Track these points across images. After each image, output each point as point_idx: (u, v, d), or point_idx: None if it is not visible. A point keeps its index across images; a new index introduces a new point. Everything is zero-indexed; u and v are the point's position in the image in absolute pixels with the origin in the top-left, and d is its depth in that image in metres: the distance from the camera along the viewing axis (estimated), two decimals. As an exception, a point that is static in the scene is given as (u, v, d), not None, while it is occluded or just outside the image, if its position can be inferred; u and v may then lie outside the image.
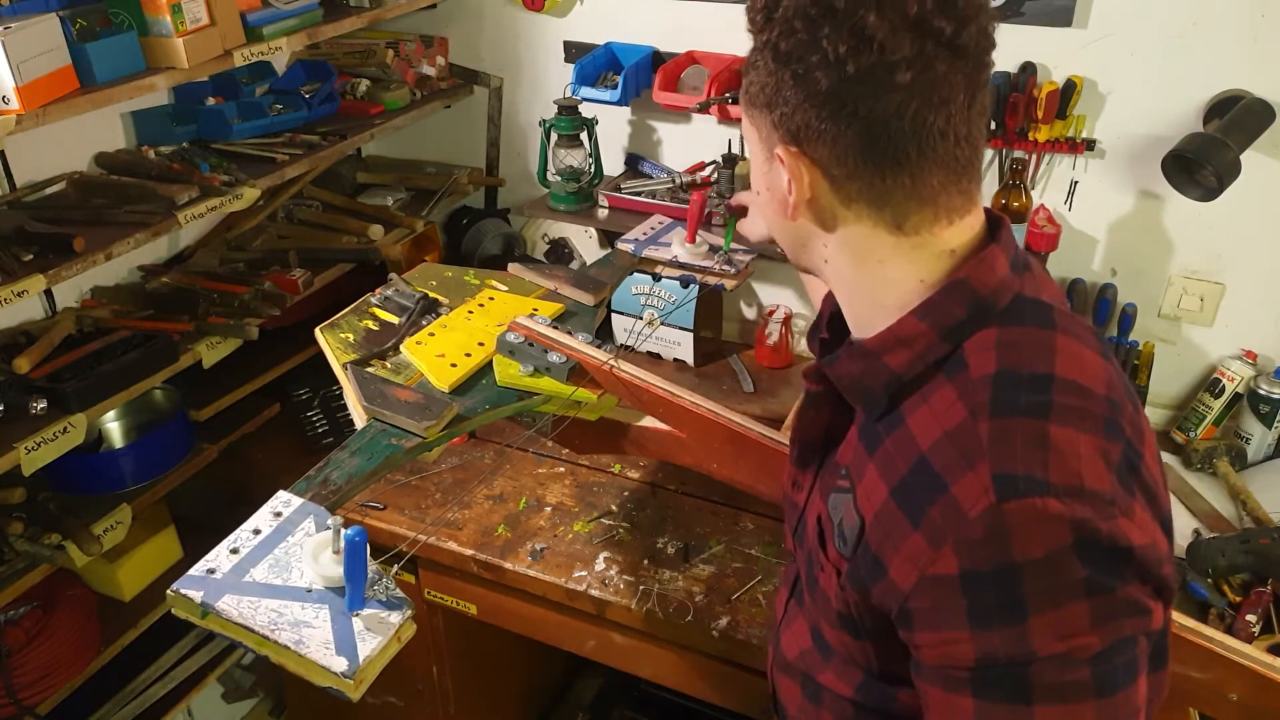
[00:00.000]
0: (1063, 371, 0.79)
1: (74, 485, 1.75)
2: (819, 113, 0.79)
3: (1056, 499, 0.72)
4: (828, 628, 0.95)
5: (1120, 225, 1.92)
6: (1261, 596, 1.48)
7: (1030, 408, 0.76)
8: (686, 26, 2.11)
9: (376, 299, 1.61)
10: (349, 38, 2.26)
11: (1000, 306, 0.83)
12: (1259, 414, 1.83)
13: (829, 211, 0.84)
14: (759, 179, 0.90)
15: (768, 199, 0.90)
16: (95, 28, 1.61)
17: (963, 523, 0.74)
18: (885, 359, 0.85)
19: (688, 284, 1.98)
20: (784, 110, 0.81)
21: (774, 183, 0.87)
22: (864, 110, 0.77)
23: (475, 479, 1.79)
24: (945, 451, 0.78)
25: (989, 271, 0.83)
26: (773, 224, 0.92)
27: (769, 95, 0.82)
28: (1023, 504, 0.72)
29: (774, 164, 0.85)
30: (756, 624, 1.47)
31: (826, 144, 0.80)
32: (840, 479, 0.91)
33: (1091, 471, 0.74)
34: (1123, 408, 0.80)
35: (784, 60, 0.80)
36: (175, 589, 0.99)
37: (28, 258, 1.52)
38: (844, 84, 0.77)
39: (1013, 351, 0.80)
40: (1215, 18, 1.70)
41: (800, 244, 0.91)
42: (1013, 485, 0.73)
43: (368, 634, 0.98)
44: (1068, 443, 0.75)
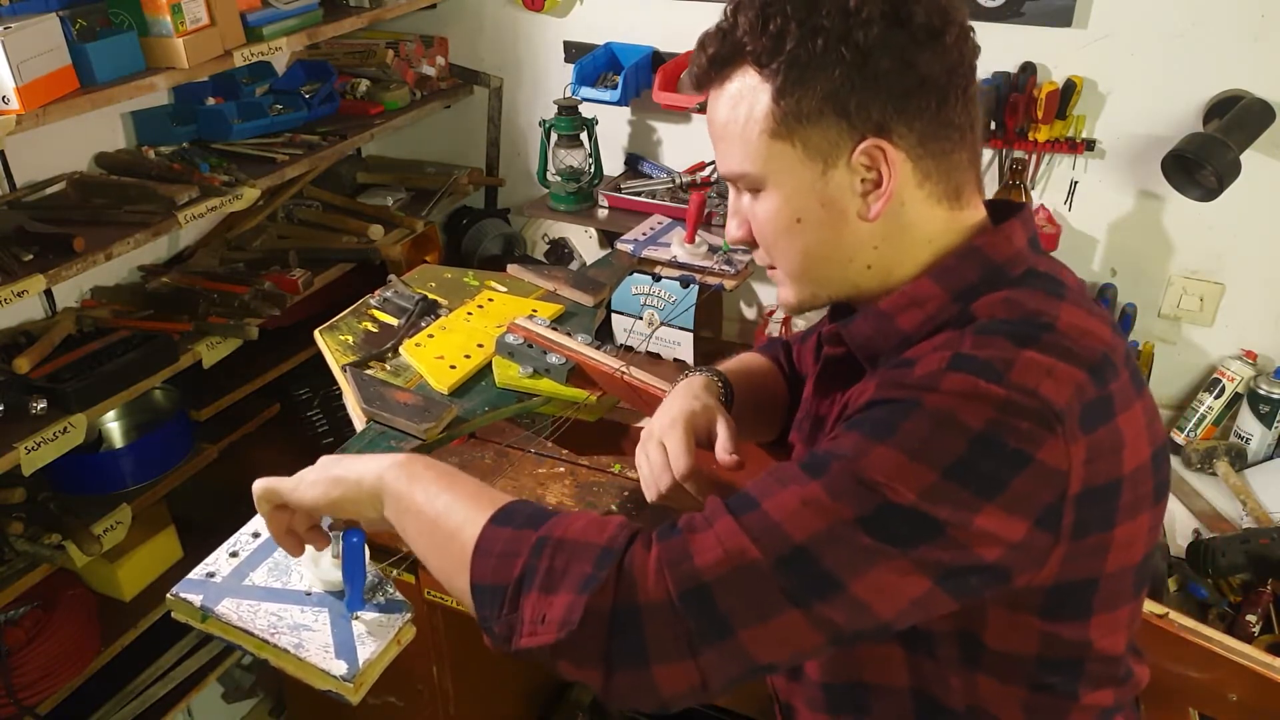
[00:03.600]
0: (1064, 326, 0.79)
1: (74, 485, 1.75)
2: (911, 90, 0.81)
3: (1002, 385, 0.73)
4: None
5: (1120, 225, 1.92)
6: (1261, 596, 1.48)
7: (1017, 334, 0.77)
8: (686, 26, 2.11)
9: (375, 301, 1.61)
10: (349, 38, 2.26)
11: (1013, 274, 0.85)
12: (1259, 414, 1.83)
13: (899, 198, 0.84)
14: (803, 203, 0.86)
15: (820, 219, 0.86)
16: (95, 28, 1.61)
17: (905, 373, 0.78)
18: (898, 320, 0.86)
19: (687, 284, 1.98)
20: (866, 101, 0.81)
21: (834, 195, 0.85)
22: (950, 80, 0.82)
23: (475, 479, 1.78)
24: (924, 351, 0.81)
25: (1005, 241, 0.86)
26: (820, 248, 0.88)
27: (841, 95, 0.81)
28: (966, 378, 0.74)
29: (833, 173, 0.84)
30: (756, 625, 1.47)
31: (919, 121, 0.82)
32: None
33: (1052, 386, 0.74)
34: (1117, 370, 0.79)
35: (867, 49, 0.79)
36: (175, 592, 0.99)
37: (28, 258, 1.52)
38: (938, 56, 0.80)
39: (1017, 306, 0.81)
40: (1215, 18, 1.70)
41: (847, 261, 0.88)
42: (968, 362, 0.76)
43: (367, 637, 0.98)
44: (1040, 362, 0.75)
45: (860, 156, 0.82)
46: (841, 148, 0.83)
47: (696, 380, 1.15)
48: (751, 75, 0.85)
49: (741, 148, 0.86)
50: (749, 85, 0.85)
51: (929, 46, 0.80)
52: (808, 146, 0.84)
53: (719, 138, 0.90)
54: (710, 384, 1.15)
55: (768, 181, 0.87)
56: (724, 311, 2.31)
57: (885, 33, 0.79)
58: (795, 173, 0.85)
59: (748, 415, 1.21)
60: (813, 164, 0.84)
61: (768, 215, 0.88)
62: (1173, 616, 1.17)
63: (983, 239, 0.86)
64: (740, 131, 0.86)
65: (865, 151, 0.82)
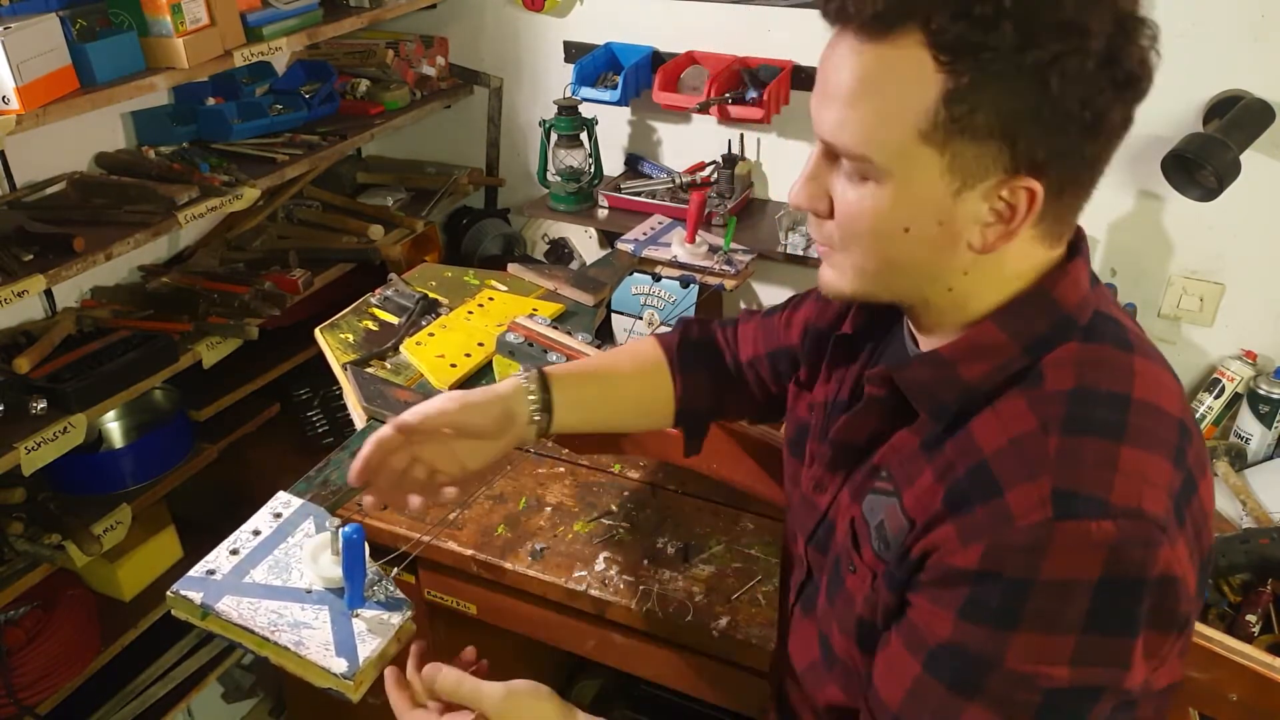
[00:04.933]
0: (1141, 394, 0.77)
1: (74, 485, 1.75)
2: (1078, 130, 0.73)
3: (1112, 520, 0.71)
4: (839, 635, 0.93)
5: (1120, 225, 1.92)
6: (1261, 596, 1.48)
7: (1104, 427, 0.74)
8: (686, 26, 2.11)
9: (376, 299, 1.62)
10: (349, 38, 2.26)
11: (1082, 323, 0.80)
12: (1259, 414, 1.83)
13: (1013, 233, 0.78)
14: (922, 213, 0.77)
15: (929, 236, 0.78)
16: (95, 28, 1.61)
17: (1006, 528, 0.73)
18: (960, 370, 0.81)
19: (687, 284, 1.98)
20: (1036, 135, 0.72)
21: (954, 216, 0.76)
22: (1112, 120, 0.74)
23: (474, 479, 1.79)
24: (1008, 459, 0.75)
25: (1073, 286, 0.80)
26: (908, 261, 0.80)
27: (1016, 119, 0.71)
28: (1077, 525, 0.71)
29: (965, 195, 0.75)
30: (756, 624, 1.47)
31: (1071, 165, 0.75)
32: (880, 480, 0.87)
33: (1153, 496, 0.73)
34: (1192, 436, 0.79)
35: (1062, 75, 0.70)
36: (175, 590, 0.99)
37: (28, 258, 1.52)
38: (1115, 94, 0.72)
39: (1092, 370, 0.78)
40: (1215, 18, 1.70)
41: (928, 278, 0.81)
42: (1071, 504, 0.71)
43: (368, 635, 0.98)
44: (1136, 465, 0.73)
45: (1004, 190, 0.74)
46: (989, 174, 0.74)
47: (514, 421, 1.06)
48: (919, 52, 0.71)
49: (876, 130, 0.74)
50: (913, 63, 0.71)
51: (1121, 96, 0.73)
52: (955, 160, 0.74)
53: (841, 97, 0.76)
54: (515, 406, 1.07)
55: (890, 179, 0.76)
56: (724, 311, 2.31)
57: (1096, 70, 0.70)
58: (928, 183, 0.75)
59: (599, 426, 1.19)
60: (951, 180, 0.75)
61: (870, 210, 0.78)
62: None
63: (1051, 281, 0.80)
64: (882, 112, 0.74)
65: (1013, 188, 0.74)
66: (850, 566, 0.90)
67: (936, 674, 0.77)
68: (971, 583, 0.74)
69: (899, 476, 0.85)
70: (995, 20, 0.68)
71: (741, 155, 2.15)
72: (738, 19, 2.06)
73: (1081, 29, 0.69)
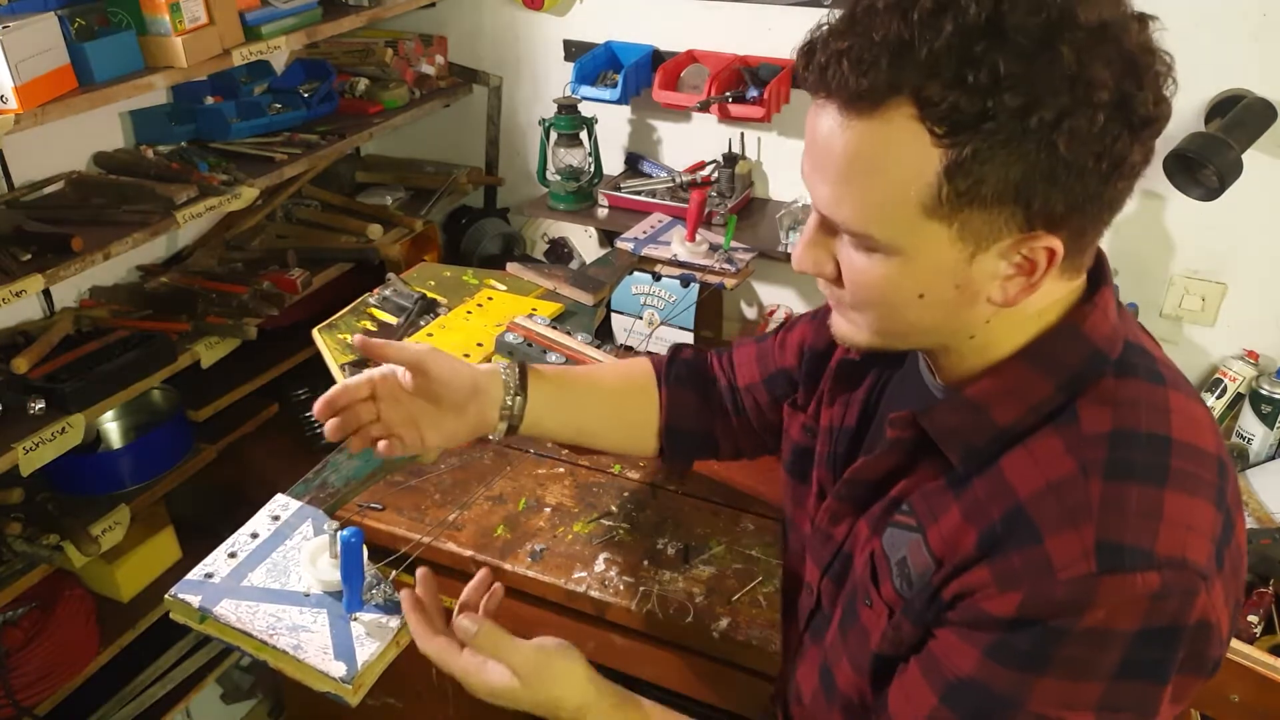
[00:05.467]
0: (1179, 434, 0.75)
1: (72, 485, 1.75)
2: (1100, 186, 0.70)
3: (1156, 571, 0.69)
4: (847, 669, 0.90)
5: (1121, 225, 1.90)
6: (1263, 597, 1.48)
7: (1147, 471, 0.72)
8: (686, 25, 2.11)
9: (374, 299, 1.61)
10: (348, 37, 2.25)
11: (1114, 356, 0.78)
12: (1260, 414, 1.83)
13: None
14: (935, 282, 0.74)
15: (946, 299, 0.75)
16: (94, 27, 1.60)
17: (1046, 579, 0.71)
18: (993, 414, 0.78)
19: (688, 283, 1.98)
20: (1052, 194, 0.68)
21: (971, 278, 0.73)
22: (1130, 165, 0.71)
23: (474, 479, 1.78)
24: (1047, 504, 0.73)
25: (1103, 318, 0.78)
26: (933, 318, 0.77)
27: (1033, 186, 0.68)
28: (1123, 579, 0.69)
29: (980, 258, 0.72)
30: (757, 625, 1.47)
31: (1090, 215, 0.72)
32: (901, 514, 0.85)
33: (1196, 544, 0.71)
34: (1229, 473, 0.77)
35: (1079, 139, 0.66)
36: (173, 594, 0.99)
37: (26, 257, 1.52)
38: (1134, 142, 0.70)
39: (1130, 410, 0.75)
40: (1217, 18, 1.69)
41: (948, 331, 0.79)
42: (1118, 557, 0.69)
43: (366, 639, 0.98)
44: (1180, 512, 0.71)
45: (1023, 247, 0.71)
46: (1004, 235, 0.71)
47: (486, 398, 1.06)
48: (912, 125, 0.67)
49: (876, 210, 0.71)
50: (907, 137, 0.68)
51: (1138, 137, 0.69)
52: (964, 229, 0.70)
53: (833, 174, 0.72)
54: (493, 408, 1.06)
55: (896, 251, 0.73)
56: (724, 311, 2.31)
57: (1108, 121, 0.66)
58: (939, 253, 0.72)
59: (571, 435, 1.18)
60: (963, 247, 0.71)
61: (881, 279, 0.75)
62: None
63: (1081, 315, 0.78)
64: (880, 190, 0.70)
65: (1032, 246, 0.71)
66: (866, 600, 0.87)
67: (953, 707, 0.76)
68: (1004, 627, 0.72)
69: (921, 511, 0.82)
70: (992, 87, 0.64)
71: (742, 154, 2.15)
72: (738, 17, 2.05)
73: (1087, 82, 0.65)
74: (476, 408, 1.05)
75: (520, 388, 1.07)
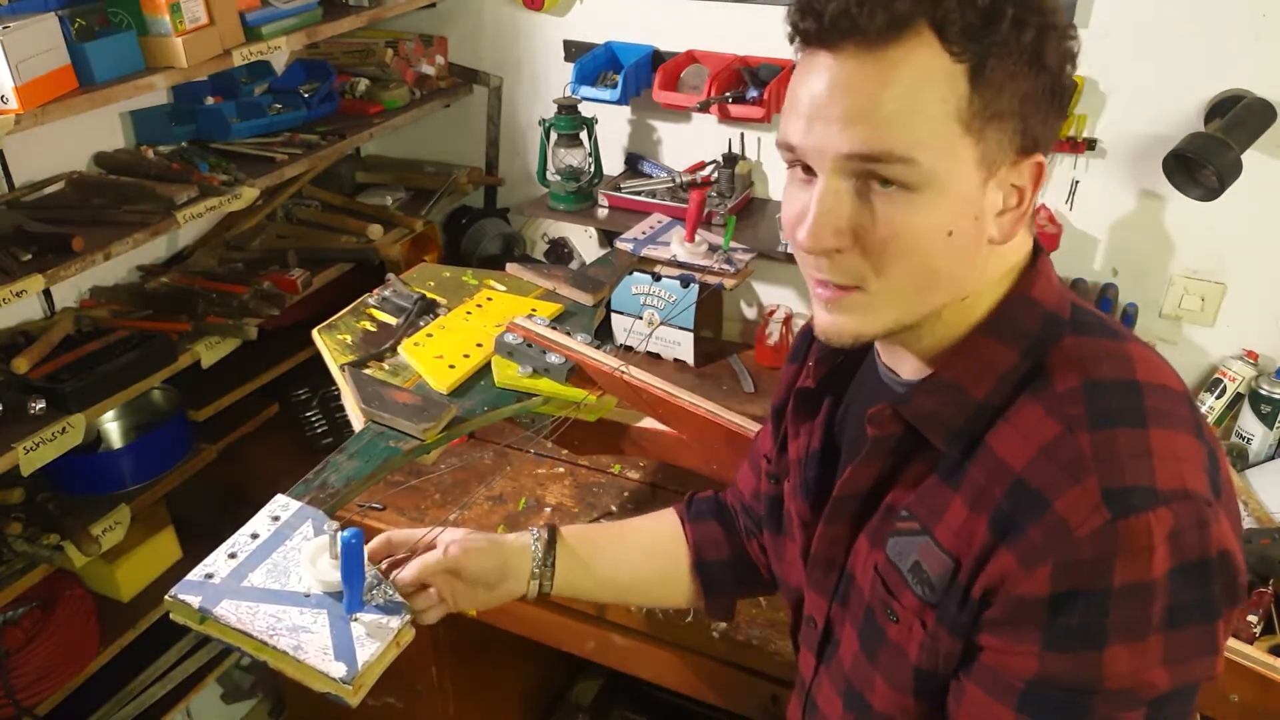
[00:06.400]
0: (1145, 377, 0.77)
1: (73, 485, 1.75)
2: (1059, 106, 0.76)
3: (1167, 507, 0.70)
4: (884, 689, 0.88)
5: (1121, 225, 1.91)
6: (1262, 597, 1.48)
7: (1126, 415, 0.74)
8: (686, 26, 2.11)
9: (374, 300, 1.61)
10: (348, 37, 2.26)
11: (1066, 317, 0.80)
12: (1260, 414, 1.83)
13: None
14: (962, 213, 0.75)
15: (969, 233, 0.76)
16: (94, 27, 1.60)
17: (1068, 543, 0.71)
18: (967, 389, 0.79)
19: (687, 283, 1.98)
20: (1040, 112, 0.75)
21: (984, 208, 0.76)
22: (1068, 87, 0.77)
23: (475, 480, 1.78)
24: (1043, 469, 0.73)
25: (1048, 283, 0.81)
26: (956, 267, 0.77)
27: (1029, 99, 0.74)
28: (1139, 520, 0.70)
29: (989, 185, 0.75)
30: (757, 625, 1.47)
31: (1053, 137, 0.77)
32: (901, 521, 0.84)
33: (1192, 474, 0.73)
34: (1197, 408, 0.79)
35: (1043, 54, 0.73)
36: (173, 594, 0.99)
37: (26, 257, 1.52)
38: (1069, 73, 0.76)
39: (1095, 363, 0.77)
40: (1216, 17, 1.69)
41: (961, 284, 0.79)
42: (1126, 500, 0.70)
43: (366, 639, 0.98)
44: (1168, 446, 0.73)
45: (1014, 174, 0.76)
46: (1005, 158, 0.75)
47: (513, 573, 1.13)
48: (934, 48, 0.71)
49: (921, 130, 0.72)
50: (934, 59, 0.71)
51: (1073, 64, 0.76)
52: (985, 150, 0.74)
53: (866, 111, 0.72)
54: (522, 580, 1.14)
55: (934, 181, 0.73)
56: (724, 311, 2.31)
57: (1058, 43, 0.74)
58: (966, 178, 0.74)
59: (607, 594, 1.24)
60: (980, 171, 0.74)
61: (916, 223, 0.74)
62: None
63: (1028, 283, 0.80)
64: (922, 111, 0.72)
65: (1021, 169, 0.76)
66: (891, 616, 0.85)
67: (1035, 715, 0.74)
68: (1047, 609, 0.72)
69: (922, 513, 0.81)
70: (994, 6, 0.71)
71: (742, 154, 2.15)
72: (738, 18, 2.05)
73: (1053, 6, 0.74)
74: (507, 588, 1.13)
75: (547, 560, 1.14)
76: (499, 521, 1.67)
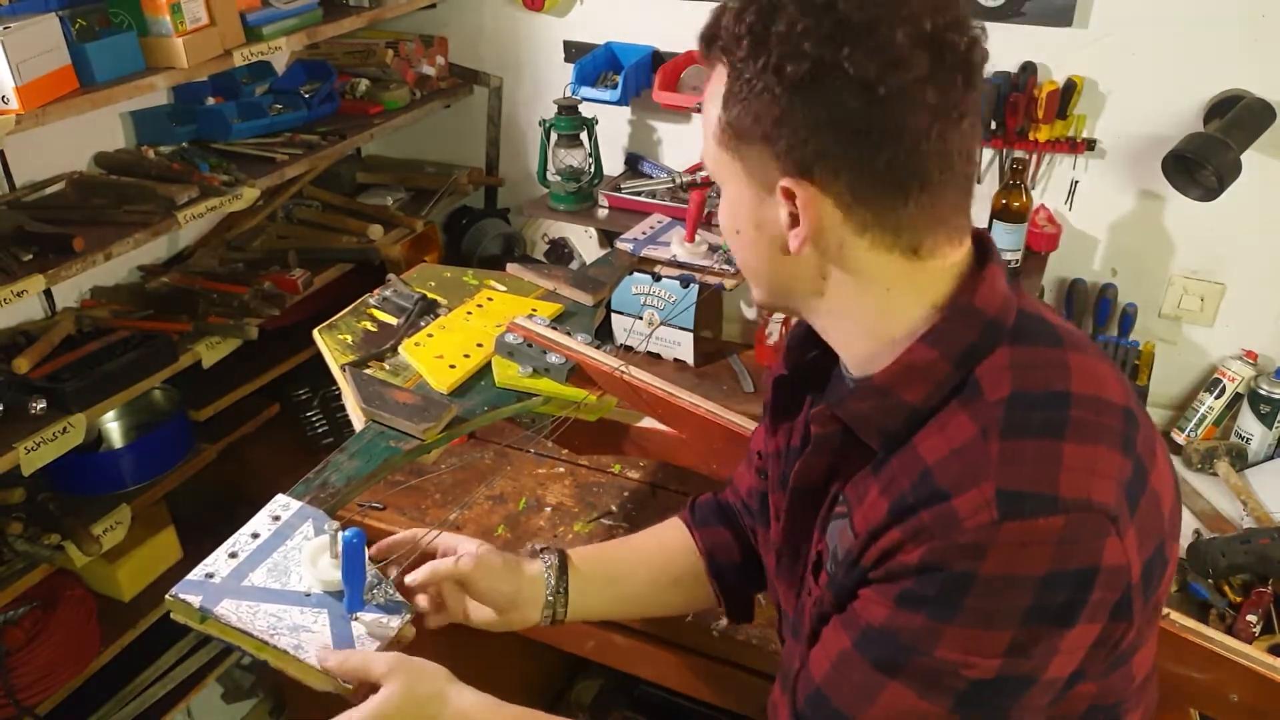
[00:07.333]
0: (1079, 388, 0.77)
1: (73, 485, 1.75)
2: (842, 139, 0.74)
3: (1062, 515, 0.71)
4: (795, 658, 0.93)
5: (1121, 225, 1.92)
6: (1262, 597, 1.48)
7: (1045, 426, 0.75)
8: (686, 26, 2.09)
9: (375, 300, 1.61)
10: (349, 37, 2.26)
11: (1008, 324, 0.81)
12: (1259, 414, 1.83)
13: (835, 243, 0.79)
14: (741, 216, 0.83)
15: (753, 238, 0.83)
16: (95, 27, 1.60)
17: (952, 529, 0.73)
18: (900, 393, 0.81)
19: (687, 283, 1.98)
20: (791, 140, 0.75)
21: (766, 219, 0.81)
22: (894, 133, 0.73)
23: (475, 479, 1.78)
24: (950, 467, 0.76)
25: (990, 290, 0.81)
26: (758, 263, 0.85)
27: (767, 126, 0.75)
28: (1025, 525, 0.71)
29: (768, 199, 0.79)
30: (756, 625, 1.47)
31: (846, 171, 0.75)
32: (838, 506, 0.88)
33: (1101, 487, 0.73)
34: (1139, 422, 0.79)
35: (793, 86, 0.73)
36: (174, 594, 0.99)
37: (27, 258, 1.52)
38: (873, 106, 0.72)
39: (1027, 373, 0.78)
40: (1215, 18, 1.69)
41: (789, 283, 0.85)
42: (1019, 504, 0.72)
43: (367, 638, 0.98)
44: (1081, 459, 0.74)
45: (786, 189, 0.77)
46: (773, 177, 0.78)
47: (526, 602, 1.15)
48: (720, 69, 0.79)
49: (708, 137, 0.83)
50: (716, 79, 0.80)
51: (861, 97, 0.72)
52: (747, 165, 0.79)
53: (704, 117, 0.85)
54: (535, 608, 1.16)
55: (722, 184, 0.84)
56: (724, 311, 2.31)
57: (815, 72, 0.72)
58: (739, 186, 0.82)
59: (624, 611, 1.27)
60: (753, 184, 0.80)
61: (721, 214, 0.87)
62: (1173, 617, 1.17)
63: (969, 291, 0.80)
64: (708, 122, 0.82)
65: (783, 189, 0.77)
66: (808, 592, 0.91)
67: (863, 651, 0.79)
68: (913, 574, 0.75)
69: (851, 499, 0.85)
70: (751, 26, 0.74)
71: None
72: (738, 18, 2.05)
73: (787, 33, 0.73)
74: (519, 615, 1.16)
75: (560, 588, 1.16)
76: (499, 521, 1.67)
